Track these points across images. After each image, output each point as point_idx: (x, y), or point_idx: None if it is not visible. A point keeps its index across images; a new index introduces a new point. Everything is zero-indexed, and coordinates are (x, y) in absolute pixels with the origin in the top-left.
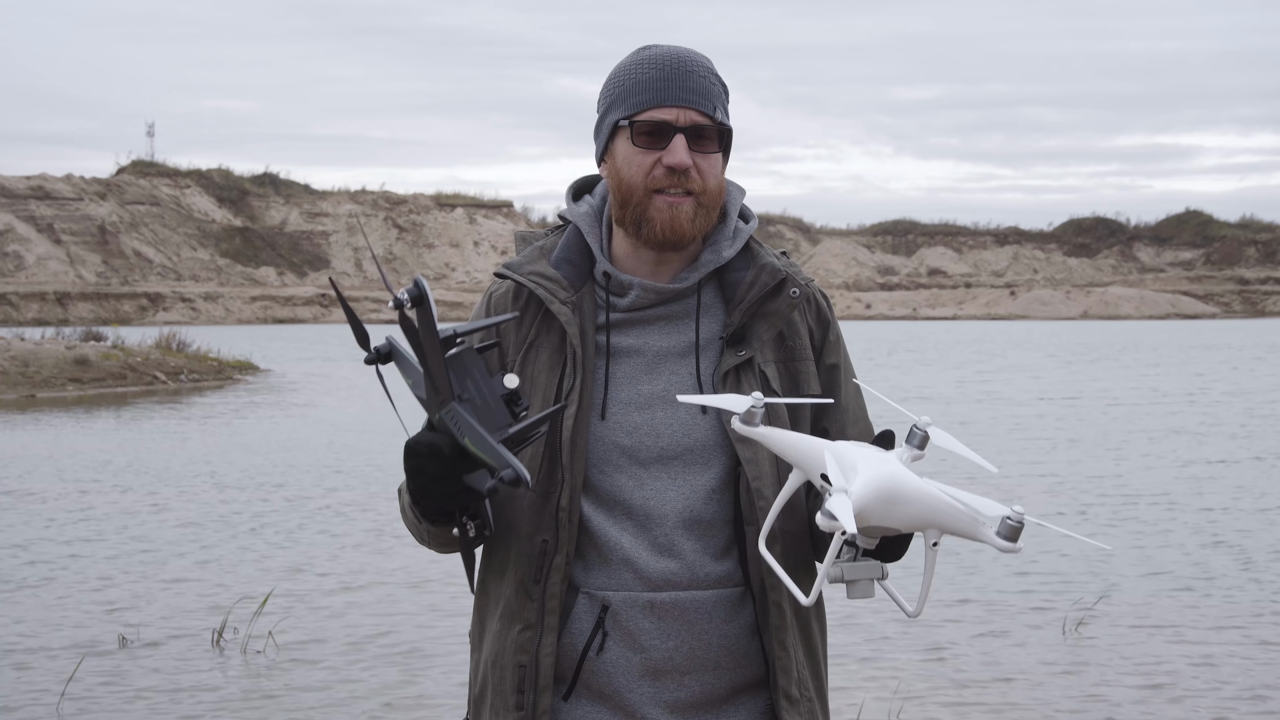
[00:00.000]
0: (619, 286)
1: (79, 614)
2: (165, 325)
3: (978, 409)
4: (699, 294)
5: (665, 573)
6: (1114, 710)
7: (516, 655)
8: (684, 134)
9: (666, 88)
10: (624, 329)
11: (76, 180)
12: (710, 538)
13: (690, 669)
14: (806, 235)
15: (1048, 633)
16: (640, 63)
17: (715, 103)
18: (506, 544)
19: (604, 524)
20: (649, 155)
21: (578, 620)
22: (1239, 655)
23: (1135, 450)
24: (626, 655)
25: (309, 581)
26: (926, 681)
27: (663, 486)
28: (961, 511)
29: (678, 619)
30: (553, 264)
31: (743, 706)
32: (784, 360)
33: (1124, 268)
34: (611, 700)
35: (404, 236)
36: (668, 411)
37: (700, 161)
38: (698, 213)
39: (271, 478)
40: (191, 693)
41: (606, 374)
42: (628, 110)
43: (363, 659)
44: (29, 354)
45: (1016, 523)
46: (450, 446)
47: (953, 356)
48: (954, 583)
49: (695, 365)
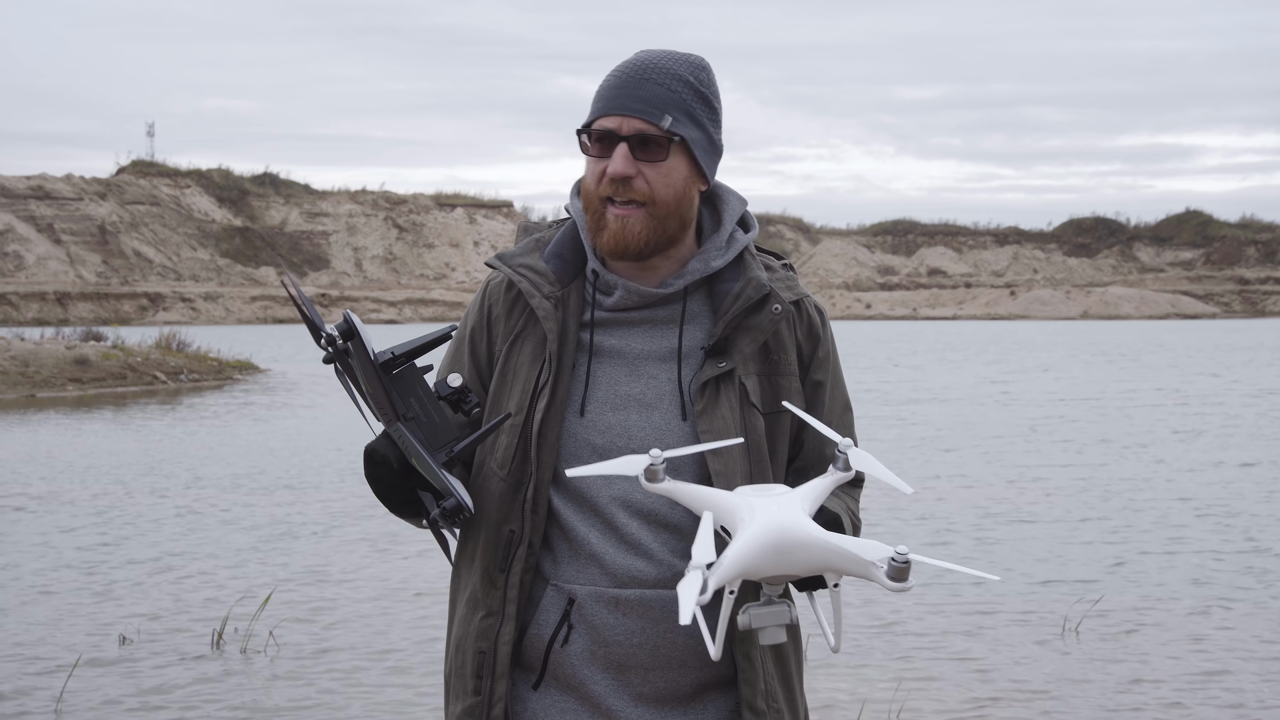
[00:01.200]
0: (605, 285)
1: (79, 614)
2: (165, 325)
3: (1008, 411)
4: (685, 300)
5: (631, 570)
6: (1114, 711)
7: (477, 641)
8: (628, 142)
9: (615, 96)
10: (609, 328)
11: (76, 180)
12: (677, 539)
13: (654, 665)
14: (806, 235)
15: (1047, 634)
16: (612, 71)
17: (666, 110)
18: (478, 531)
19: (573, 519)
20: (599, 164)
21: (545, 611)
22: (1238, 655)
23: (1168, 452)
24: (591, 648)
25: (309, 581)
26: (926, 682)
27: (629, 486)
28: (850, 556)
29: (642, 616)
30: (545, 258)
31: (711, 704)
32: (767, 374)
33: (1124, 268)
34: (578, 691)
35: (404, 236)
36: (642, 415)
37: (647, 170)
38: (647, 224)
39: (272, 477)
40: (191, 693)
41: (589, 371)
42: (588, 117)
43: (363, 659)
44: (29, 354)
45: (902, 562)
46: (399, 460)
47: (975, 356)
48: (954, 582)
49: (677, 371)
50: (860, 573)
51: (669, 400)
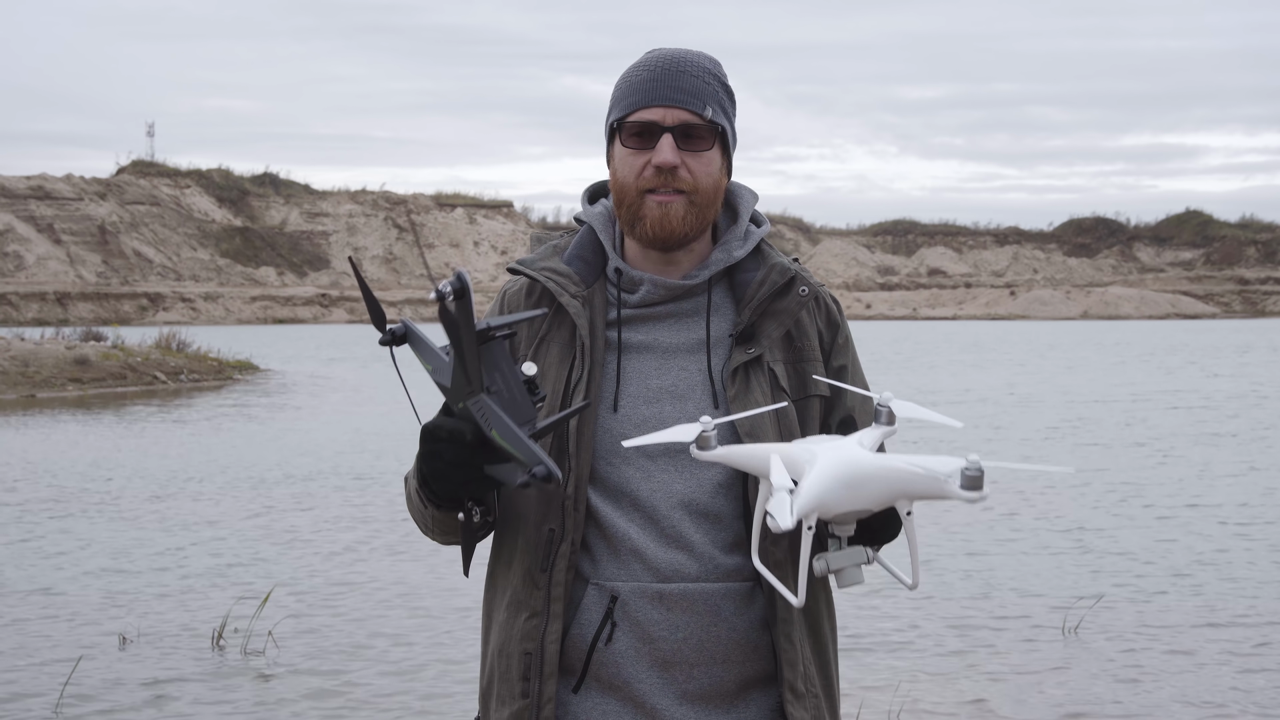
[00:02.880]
0: (630, 283)
1: (79, 614)
2: (165, 325)
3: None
4: (709, 291)
5: (674, 564)
6: (1114, 711)
7: (523, 643)
8: (672, 133)
9: (655, 88)
10: (635, 324)
11: (76, 180)
12: (719, 531)
13: (699, 661)
14: (806, 235)
15: (1047, 633)
16: (637, 66)
17: (706, 101)
18: (515, 534)
19: (612, 515)
20: (639, 156)
21: (587, 611)
22: (1238, 655)
23: (1169, 452)
24: (636, 646)
25: (309, 581)
26: (926, 682)
27: (669, 479)
28: (922, 475)
29: (686, 610)
30: (565, 260)
31: (753, 702)
32: (792, 361)
33: (1124, 268)
34: (621, 691)
35: (404, 236)
36: (675, 405)
37: (690, 160)
38: (689, 211)
39: (271, 477)
40: (191, 693)
41: (619, 368)
42: (621, 112)
43: (363, 659)
44: (29, 354)
45: (976, 471)
46: (473, 433)
47: (998, 357)
48: (954, 582)
49: (706, 361)
50: (934, 491)
51: (701, 390)
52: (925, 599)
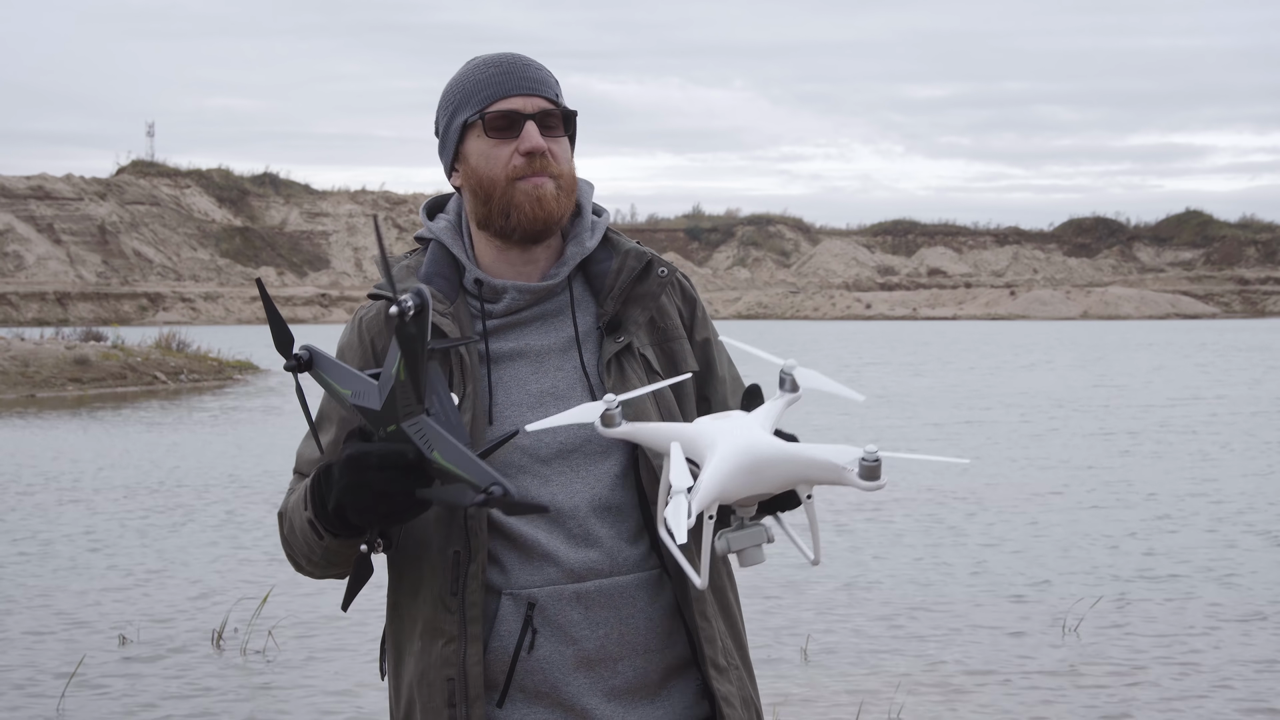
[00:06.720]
0: (492, 292)
1: (79, 614)
2: (165, 325)
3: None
4: (570, 289)
5: (586, 562)
6: (1113, 711)
7: (443, 670)
8: (534, 120)
9: (510, 79)
10: (503, 333)
11: (76, 180)
12: (622, 523)
13: (622, 655)
14: (806, 235)
15: (1047, 633)
16: (476, 67)
17: (557, 91)
18: (417, 561)
19: (518, 525)
20: (505, 146)
21: (504, 623)
22: (1238, 655)
23: (1172, 451)
24: (559, 649)
25: (309, 581)
26: (926, 682)
27: (568, 480)
28: (821, 464)
29: (605, 606)
30: (423, 279)
31: (675, 690)
32: (659, 343)
33: (1124, 268)
34: (549, 697)
35: (404, 236)
36: (559, 406)
37: (553, 146)
38: (558, 195)
39: (271, 477)
40: (191, 693)
41: (490, 380)
42: (476, 107)
43: (363, 659)
44: (29, 354)
45: (873, 461)
46: (415, 455)
47: (1014, 359)
48: (954, 582)
49: (579, 358)
50: (833, 478)
51: (580, 387)
52: (925, 599)
